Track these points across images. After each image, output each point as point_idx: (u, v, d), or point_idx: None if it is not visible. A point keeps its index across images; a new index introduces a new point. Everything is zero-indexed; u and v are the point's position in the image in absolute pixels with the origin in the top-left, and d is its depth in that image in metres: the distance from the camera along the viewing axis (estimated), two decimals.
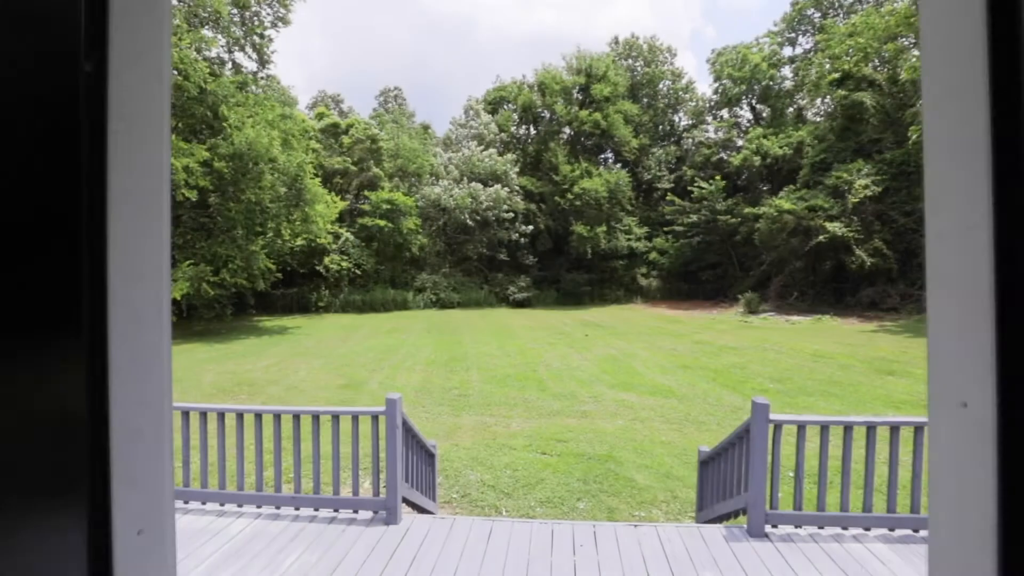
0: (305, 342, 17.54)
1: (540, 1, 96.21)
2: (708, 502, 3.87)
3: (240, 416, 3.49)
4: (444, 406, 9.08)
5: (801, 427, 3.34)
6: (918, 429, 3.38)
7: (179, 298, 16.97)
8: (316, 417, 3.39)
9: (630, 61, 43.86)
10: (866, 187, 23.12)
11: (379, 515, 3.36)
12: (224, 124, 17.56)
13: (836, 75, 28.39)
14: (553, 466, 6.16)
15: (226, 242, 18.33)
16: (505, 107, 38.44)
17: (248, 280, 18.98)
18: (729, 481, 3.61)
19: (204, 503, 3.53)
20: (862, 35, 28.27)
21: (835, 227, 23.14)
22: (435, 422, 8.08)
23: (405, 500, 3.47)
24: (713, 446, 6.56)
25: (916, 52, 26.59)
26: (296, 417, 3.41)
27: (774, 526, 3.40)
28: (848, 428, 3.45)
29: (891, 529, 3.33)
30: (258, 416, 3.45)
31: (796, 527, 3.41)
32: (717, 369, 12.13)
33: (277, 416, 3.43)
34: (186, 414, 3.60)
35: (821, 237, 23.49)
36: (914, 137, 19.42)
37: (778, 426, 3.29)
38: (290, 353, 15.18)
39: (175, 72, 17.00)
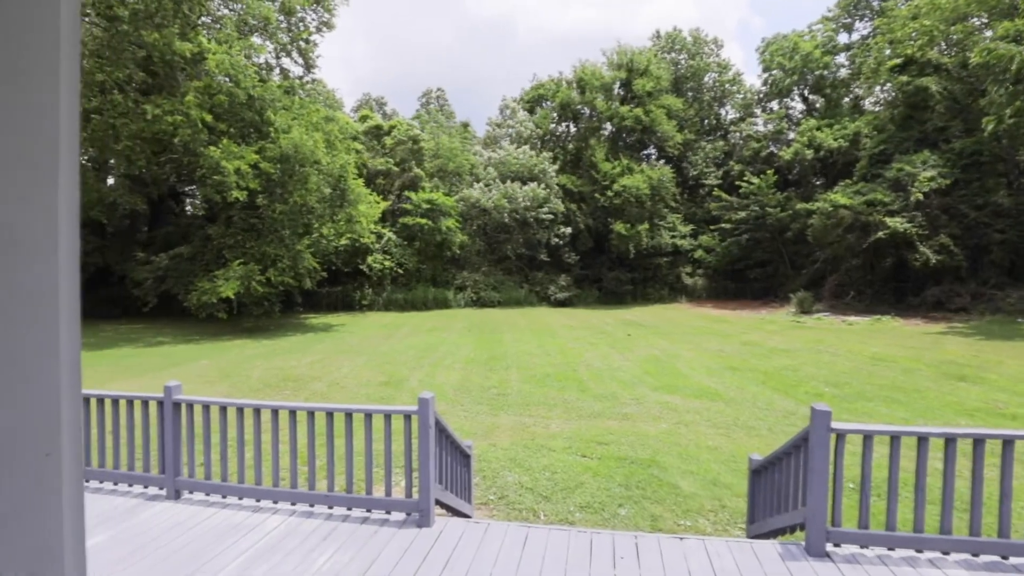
0: (349, 339, 17.90)
1: (579, 0, 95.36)
2: (761, 514, 3.60)
3: (275, 412, 3.48)
4: (482, 405, 9.00)
5: (868, 437, 3.02)
6: (1007, 443, 3.00)
7: (231, 296, 17.62)
8: (349, 415, 3.33)
9: (673, 55, 42.76)
10: (932, 179, 21.62)
11: (412, 517, 3.27)
12: (270, 129, 18.13)
13: (898, 60, 26.72)
14: (593, 469, 5.96)
15: (274, 242, 18.94)
16: (543, 105, 38.19)
17: (295, 279, 19.55)
18: (784, 493, 3.33)
19: (241, 498, 3.55)
20: (927, 17, 26.50)
21: (896, 222, 21.76)
22: (473, 421, 8.00)
23: (438, 502, 3.37)
24: (765, 454, 6.20)
25: (989, 33, 24.71)
26: (330, 415, 3.37)
27: (836, 545, 3.10)
28: (923, 440, 3.11)
29: (975, 554, 2.98)
30: (292, 413, 3.43)
31: (862, 547, 3.10)
32: (767, 371, 11.57)
33: (311, 413, 3.40)
34: (223, 409, 3.63)
35: (881, 233, 22.14)
36: (991, 127, 17.94)
37: (841, 435, 2.99)
38: (334, 350, 15.50)
39: (227, 79, 17.69)
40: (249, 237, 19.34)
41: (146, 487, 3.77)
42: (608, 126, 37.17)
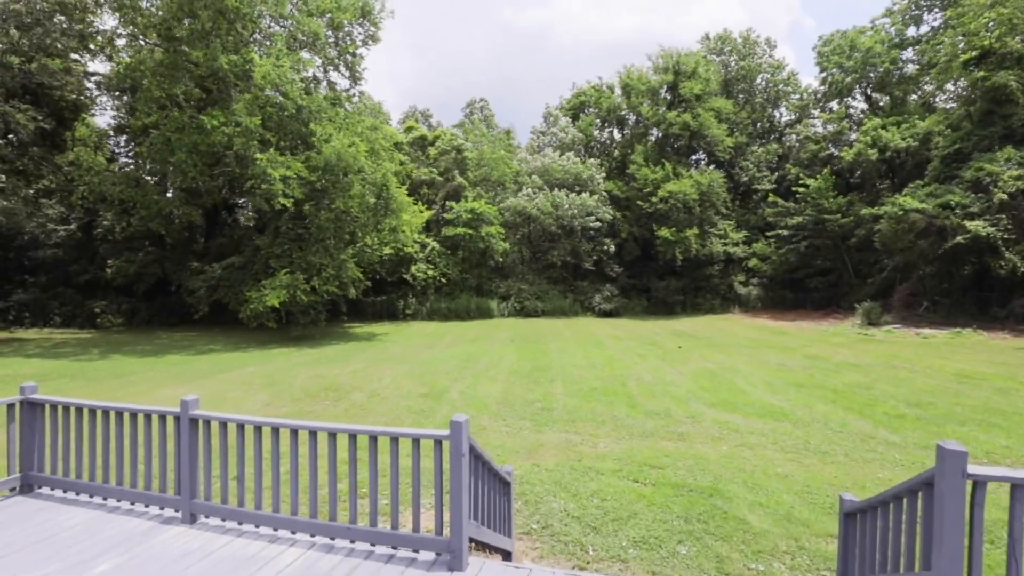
0: (391, 349, 17.83)
1: (621, 7, 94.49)
2: (861, 571, 2.97)
3: (295, 433, 3.14)
4: (526, 420, 8.52)
5: (1019, 487, 2.34)
6: None
7: (277, 305, 17.92)
8: (374, 438, 2.95)
9: (723, 57, 41.39)
10: (1019, 178, 19.67)
11: (442, 558, 2.84)
12: (313, 139, 18.46)
13: (973, 53, 24.69)
14: (648, 497, 5.37)
15: (319, 251, 19.21)
16: (586, 112, 37.64)
17: (339, 288, 19.74)
18: (896, 549, 2.70)
19: (258, 526, 3.22)
20: (1005, 4, 24.41)
21: (977, 226, 19.90)
22: (516, 438, 7.54)
23: (472, 540, 2.92)
24: (844, 484, 5.40)
25: None
26: (353, 437, 2.99)
27: None
28: None
29: None
30: (313, 434, 3.08)
31: None
32: (836, 389, 10.55)
33: (332, 435, 3.03)
34: (241, 427, 3.32)
35: (959, 238, 20.31)
36: None
37: (979, 483, 2.34)
38: (376, 359, 15.41)
39: (275, 92, 18.15)
40: (295, 247, 19.71)
41: (162, 508, 3.51)
42: (655, 131, 36.21)
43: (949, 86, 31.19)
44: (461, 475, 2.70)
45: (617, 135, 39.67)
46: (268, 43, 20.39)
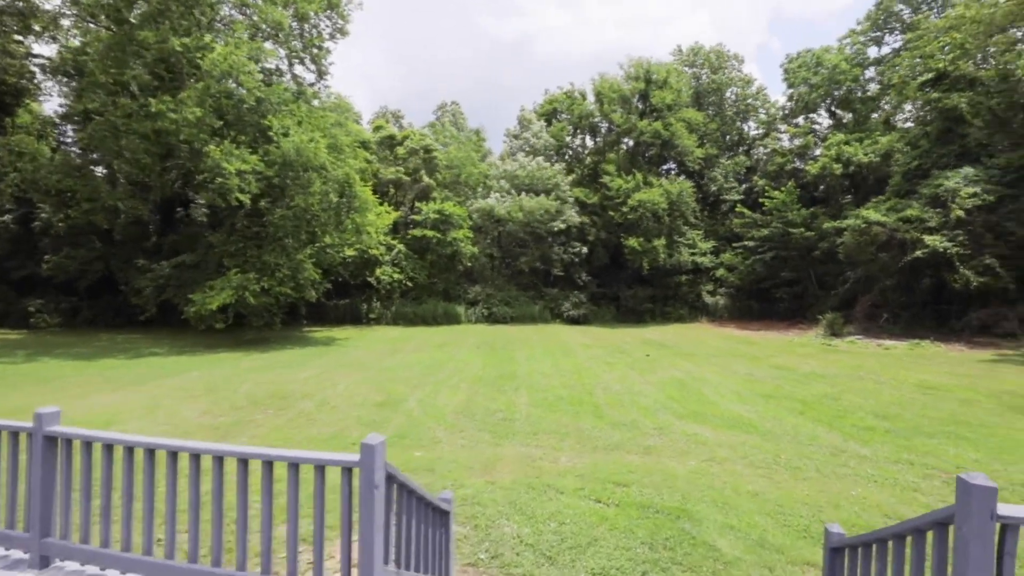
0: (351, 354, 17.02)
1: (601, 20, 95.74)
2: None
3: (174, 456, 2.52)
4: (485, 432, 7.96)
5: None
6: None
7: (216, 308, 16.86)
8: (269, 464, 2.36)
9: (695, 69, 41.98)
10: (974, 195, 20.22)
11: None
12: (271, 133, 17.60)
13: (929, 75, 25.50)
14: (610, 520, 4.88)
15: (275, 250, 18.26)
16: (559, 118, 37.52)
17: (295, 289, 18.79)
18: None
19: (125, 572, 2.57)
20: (960, 30, 25.32)
21: (935, 240, 20.34)
22: (472, 451, 6.97)
23: None
24: (818, 501, 5.00)
25: None
26: (244, 462, 2.39)
27: None
28: None
29: None
30: (196, 457, 2.46)
31: None
32: (805, 400, 10.34)
33: (219, 459, 2.42)
34: (109, 448, 2.66)
35: (918, 252, 20.72)
36: None
37: (1010, 527, 1.91)
38: (334, 365, 14.61)
39: (231, 81, 17.22)
40: (251, 245, 18.70)
41: (7, 549, 2.82)
42: (627, 140, 36.31)
43: (907, 106, 32.25)
44: (373, 511, 2.15)
45: (589, 142, 39.66)
46: (229, 31, 19.42)
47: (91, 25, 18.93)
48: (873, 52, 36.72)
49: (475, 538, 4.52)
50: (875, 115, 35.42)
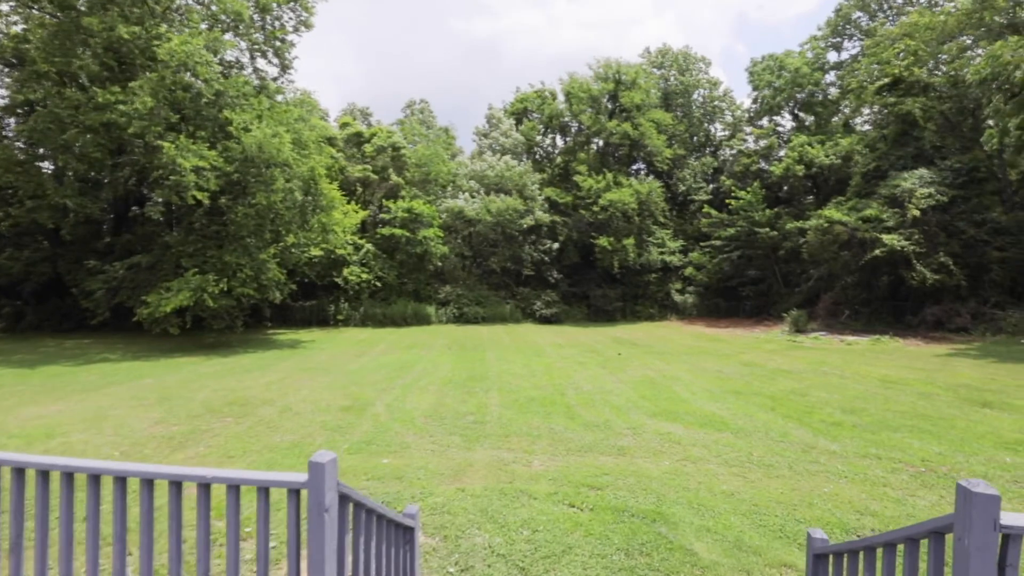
0: (317, 357, 16.50)
1: (570, 22, 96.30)
2: None
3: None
4: (455, 436, 7.72)
5: None
6: None
7: (170, 310, 16.10)
8: (205, 487, 2.08)
9: (663, 71, 42.54)
10: (929, 196, 21.01)
11: None
12: (230, 128, 16.92)
13: (885, 80, 26.41)
14: (585, 526, 4.72)
15: (236, 250, 17.56)
16: (529, 117, 37.46)
17: (258, 290, 18.12)
18: None
19: None
20: (914, 37, 26.32)
21: (893, 239, 21.05)
22: (442, 457, 6.72)
23: None
24: (791, 500, 4.94)
25: (980, 51, 24.46)
26: (177, 485, 2.11)
27: None
28: None
29: None
30: (120, 480, 2.17)
31: None
32: (774, 396, 10.45)
33: (148, 483, 2.13)
34: (20, 473, 2.33)
35: (878, 251, 21.40)
36: (995, 140, 17.35)
37: (1013, 537, 1.78)
38: (298, 368, 14.11)
39: (187, 73, 16.47)
40: (211, 245, 17.95)
41: None
42: (597, 140, 36.51)
43: (866, 109, 33.38)
44: (323, 537, 1.90)
45: (560, 142, 39.74)
46: (185, 21, 18.59)
47: (34, 11, 17.83)
48: (833, 57, 37.89)
49: (444, 550, 4.29)
50: (836, 118, 36.58)
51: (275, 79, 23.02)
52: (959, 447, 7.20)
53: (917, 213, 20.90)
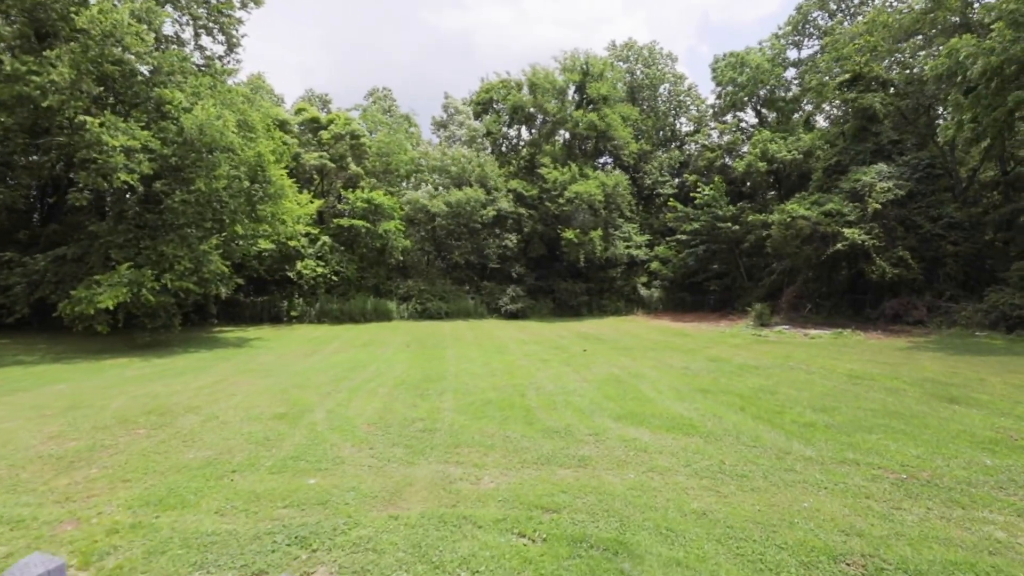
0: (262, 357, 15.32)
1: (539, 18, 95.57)
2: None
3: None
4: (399, 447, 6.89)
5: None
6: None
7: (112, 307, 14.68)
8: None
9: (629, 64, 42.27)
10: (888, 191, 21.19)
11: None
12: (168, 107, 15.49)
13: (846, 76, 26.67)
14: (535, 562, 3.98)
15: (173, 241, 16.15)
16: (495, 107, 36.57)
17: (198, 284, 16.74)
18: None
19: None
20: (872, 34, 26.68)
21: (854, 233, 21.16)
22: (379, 475, 5.88)
23: None
24: (768, 515, 4.20)
25: (937, 49, 24.88)
26: None
27: None
28: None
29: None
30: None
31: None
32: (743, 394, 9.99)
33: None
34: None
35: (839, 244, 21.49)
36: (950, 132, 17.49)
37: None
38: (237, 371, 12.96)
39: (116, 44, 14.92)
40: (144, 235, 16.46)
41: None
42: (563, 132, 35.91)
43: (826, 106, 33.84)
44: None
45: (525, 133, 39.01)
46: None
47: None
48: (793, 55, 38.34)
49: None
50: (796, 115, 37.02)
51: (221, 58, 21.46)
52: (936, 449, 6.80)
53: (878, 206, 21.06)
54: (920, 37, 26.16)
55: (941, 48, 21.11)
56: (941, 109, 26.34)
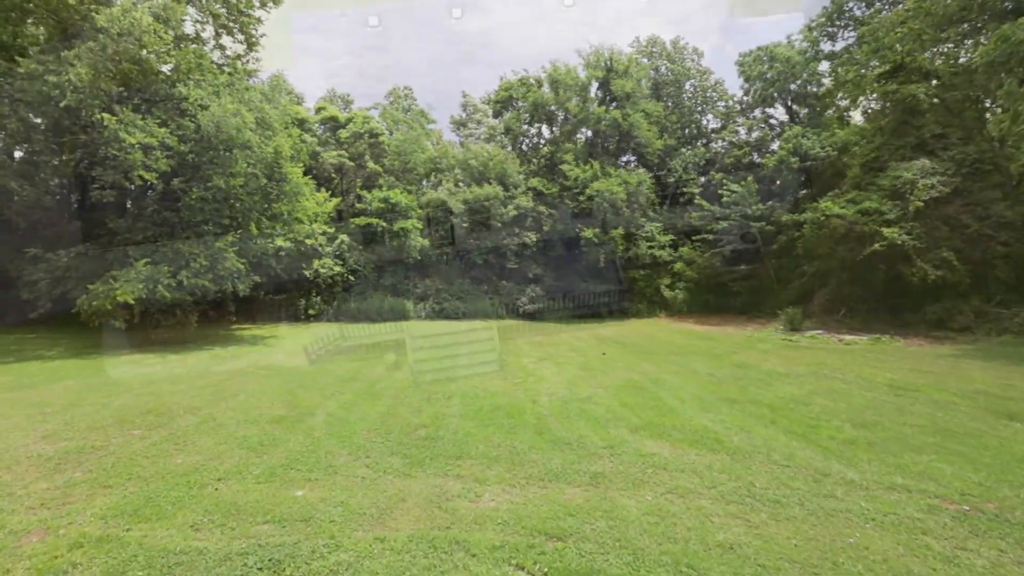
0: (273, 355, 15.12)
1: (558, 20, 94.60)
2: None
3: None
4: (397, 456, 6.42)
5: None
6: None
7: (132, 301, 14.68)
8: None
9: (653, 60, 41.26)
10: (931, 187, 19.92)
11: None
12: (186, 104, 15.42)
13: (885, 67, 25.27)
14: None
15: (190, 238, 16.09)
16: (514, 106, 36.04)
17: (213, 282, 16.66)
18: None
19: None
20: (914, 21, 25.22)
21: (893, 233, 19.94)
22: (370, 489, 5.41)
23: None
24: (809, 555, 3.55)
25: (983, 39, 23.41)
26: None
27: None
28: None
29: None
30: None
31: None
32: (773, 405, 9.23)
33: None
34: None
35: (877, 245, 20.29)
36: (1006, 125, 16.24)
37: None
38: (247, 370, 12.74)
39: (133, 42, 14.90)
40: (162, 232, 16.46)
41: None
42: (585, 130, 35.18)
43: (862, 99, 32.30)
44: None
45: (546, 132, 38.38)
46: None
47: None
48: (826, 47, 36.76)
49: None
50: (830, 111, 35.50)
51: (240, 57, 21.45)
52: (1001, 475, 5.99)
53: (920, 204, 19.81)
54: (966, 25, 24.67)
55: (991, 35, 19.74)
56: (990, 102, 24.76)
